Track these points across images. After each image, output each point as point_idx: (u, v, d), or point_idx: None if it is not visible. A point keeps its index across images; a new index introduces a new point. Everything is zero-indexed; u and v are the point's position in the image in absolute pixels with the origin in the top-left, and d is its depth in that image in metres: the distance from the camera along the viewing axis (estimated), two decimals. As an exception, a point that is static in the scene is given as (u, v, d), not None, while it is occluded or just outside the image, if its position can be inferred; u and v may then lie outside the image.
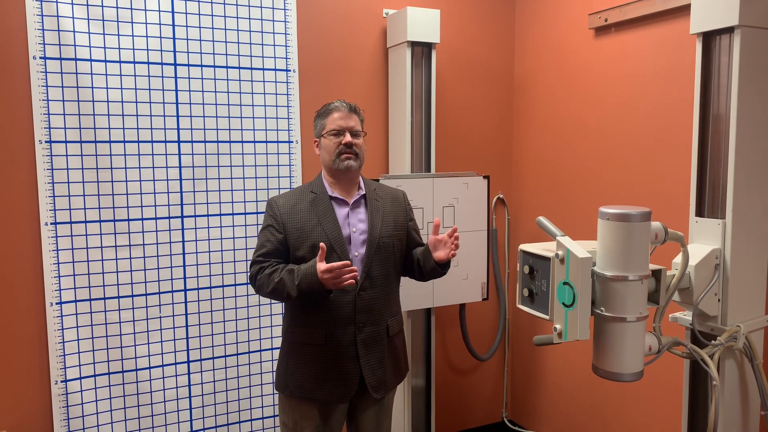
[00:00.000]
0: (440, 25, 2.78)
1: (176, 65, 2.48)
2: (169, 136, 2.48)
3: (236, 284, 2.64)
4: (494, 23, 3.21)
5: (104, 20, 2.34)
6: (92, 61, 2.33)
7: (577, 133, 2.87)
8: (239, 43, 2.59)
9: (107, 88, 2.35)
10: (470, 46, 3.15)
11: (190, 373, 2.57)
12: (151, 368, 2.50)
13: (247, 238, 2.64)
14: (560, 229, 1.58)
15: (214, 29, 2.54)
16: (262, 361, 2.71)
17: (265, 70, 2.65)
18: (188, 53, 2.50)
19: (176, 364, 2.54)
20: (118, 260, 2.42)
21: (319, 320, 1.97)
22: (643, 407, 2.58)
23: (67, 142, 2.32)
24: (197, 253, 2.56)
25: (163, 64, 2.46)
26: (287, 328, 2.07)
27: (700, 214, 1.86)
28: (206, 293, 2.59)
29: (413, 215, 2.22)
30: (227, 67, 2.57)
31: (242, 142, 2.62)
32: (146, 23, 2.41)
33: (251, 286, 2.03)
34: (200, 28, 2.51)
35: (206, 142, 2.55)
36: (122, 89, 2.38)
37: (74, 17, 2.29)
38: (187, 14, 2.49)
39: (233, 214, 2.62)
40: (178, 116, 2.49)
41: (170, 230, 2.50)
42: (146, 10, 2.41)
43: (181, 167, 2.51)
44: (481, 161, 3.22)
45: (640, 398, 2.58)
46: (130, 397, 2.47)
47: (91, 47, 2.32)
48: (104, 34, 2.34)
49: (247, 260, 2.64)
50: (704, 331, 1.82)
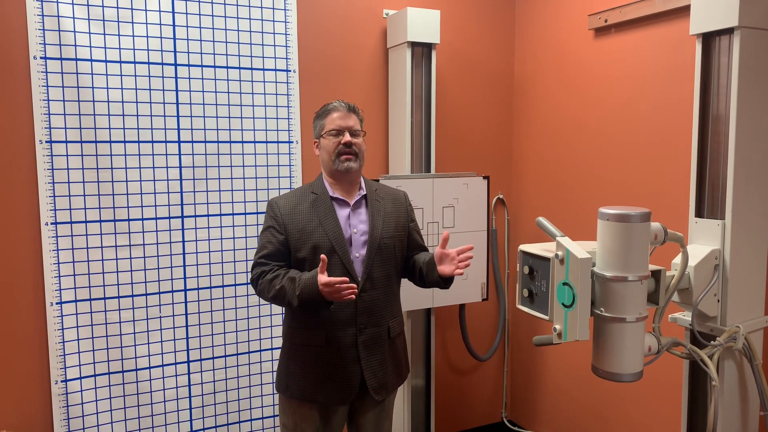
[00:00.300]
0: (440, 25, 2.78)
1: (176, 65, 2.48)
2: (169, 136, 2.48)
3: (236, 284, 2.64)
4: (494, 24, 3.21)
5: (105, 20, 2.34)
6: (93, 61, 2.33)
7: (577, 133, 2.87)
8: (239, 43, 2.59)
9: (108, 88, 2.35)
10: (470, 46, 3.16)
11: (190, 373, 2.58)
12: (151, 368, 2.50)
13: (247, 238, 2.65)
14: (560, 229, 1.58)
15: (214, 29, 2.54)
16: (262, 361, 2.71)
17: (265, 70, 2.65)
18: (188, 53, 2.50)
19: (176, 364, 2.54)
20: (118, 260, 2.42)
21: (319, 322, 1.96)
22: (642, 408, 2.58)
23: (67, 142, 2.32)
24: (197, 253, 2.56)
25: (163, 64, 2.46)
26: (287, 329, 2.06)
27: (699, 214, 1.86)
28: (206, 293, 2.59)
29: (414, 216, 2.21)
30: (227, 67, 2.58)
31: (242, 142, 2.62)
32: (146, 23, 2.41)
33: (252, 288, 2.02)
34: (200, 28, 2.52)
35: (206, 142, 2.55)
36: (123, 89, 2.38)
37: (75, 17, 2.29)
38: (187, 14, 2.49)
39: (233, 214, 2.63)
40: (178, 116, 2.49)
41: (170, 230, 2.51)
42: (146, 10, 2.41)
43: (181, 167, 2.51)
44: (481, 161, 3.23)
45: (639, 399, 2.58)
46: (130, 397, 2.47)
47: (91, 47, 2.32)
48: (105, 34, 2.34)
49: (247, 260, 2.64)
50: (704, 331, 1.82)
